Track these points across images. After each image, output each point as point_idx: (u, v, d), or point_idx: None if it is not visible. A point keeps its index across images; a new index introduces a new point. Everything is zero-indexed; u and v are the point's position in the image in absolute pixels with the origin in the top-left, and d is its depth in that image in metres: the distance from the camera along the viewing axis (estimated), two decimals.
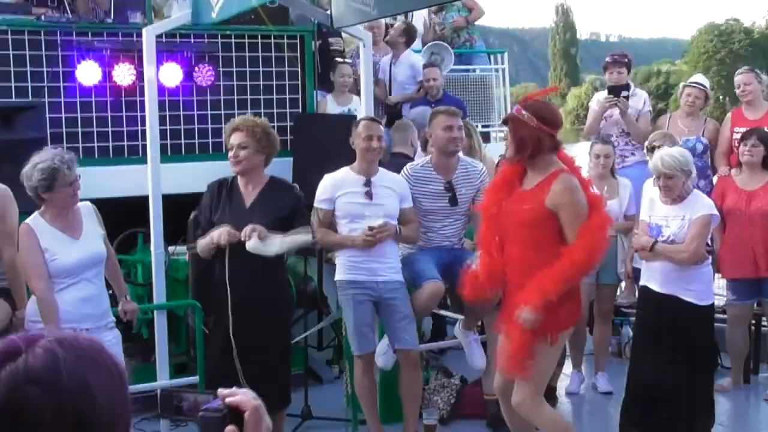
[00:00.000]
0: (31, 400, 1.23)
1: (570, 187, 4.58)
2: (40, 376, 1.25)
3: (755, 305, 6.91)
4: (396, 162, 6.26)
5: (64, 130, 6.66)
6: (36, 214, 4.77)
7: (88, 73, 6.64)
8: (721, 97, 47.74)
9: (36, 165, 4.59)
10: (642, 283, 5.74)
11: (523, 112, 4.58)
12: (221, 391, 1.54)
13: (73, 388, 1.26)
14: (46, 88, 6.62)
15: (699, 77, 7.86)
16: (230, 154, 5.22)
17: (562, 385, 6.86)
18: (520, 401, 4.76)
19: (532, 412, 4.79)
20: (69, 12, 7.01)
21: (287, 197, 5.32)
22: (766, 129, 6.75)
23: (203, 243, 5.15)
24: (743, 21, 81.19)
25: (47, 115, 6.44)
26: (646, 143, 6.87)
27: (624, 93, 7.54)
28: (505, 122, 4.89)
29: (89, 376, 1.28)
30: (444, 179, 5.81)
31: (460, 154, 6.02)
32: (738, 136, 6.86)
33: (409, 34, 8.82)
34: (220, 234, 5.03)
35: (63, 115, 6.68)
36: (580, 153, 6.45)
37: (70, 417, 1.24)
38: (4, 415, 1.24)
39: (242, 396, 1.53)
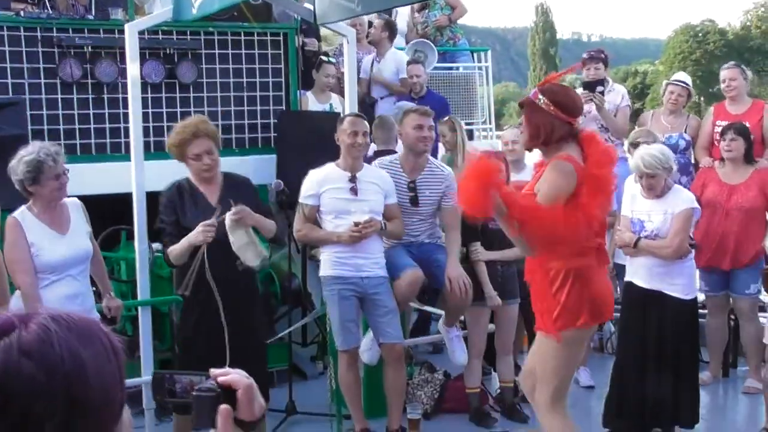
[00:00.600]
0: (25, 372, 1.20)
1: (556, 168, 4.17)
2: (32, 349, 1.22)
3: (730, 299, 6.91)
4: None
5: (45, 126, 6.56)
6: (23, 207, 4.71)
7: (69, 69, 6.56)
8: (696, 96, 47.97)
9: (22, 158, 4.54)
10: (627, 279, 5.73)
11: (540, 96, 4.25)
12: (213, 371, 1.54)
13: (66, 363, 1.22)
14: (26, 85, 6.53)
15: (681, 75, 7.87)
16: (198, 163, 5.00)
17: None
18: (537, 399, 4.57)
19: (541, 415, 4.55)
20: (49, 8, 6.90)
21: (247, 190, 5.22)
22: (746, 124, 6.75)
23: (178, 250, 4.94)
24: (718, 22, 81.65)
25: (28, 112, 6.39)
26: (629, 140, 6.87)
27: (599, 88, 7.53)
28: (521, 106, 4.53)
29: (82, 352, 1.24)
30: (408, 178, 5.80)
31: (431, 156, 6.01)
32: (719, 130, 6.85)
33: (390, 28, 8.76)
34: (196, 235, 4.85)
35: (44, 112, 6.59)
36: None
37: (62, 393, 1.21)
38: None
39: (234, 375, 1.53)
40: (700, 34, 79.46)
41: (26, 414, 1.19)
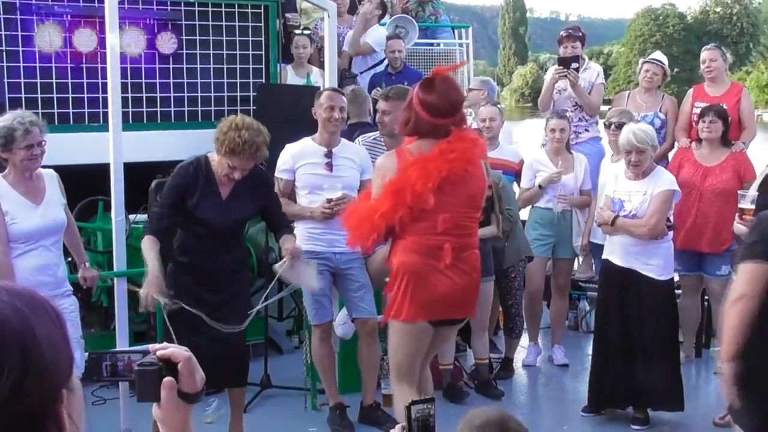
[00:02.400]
0: None
1: (378, 161, 4.33)
2: None
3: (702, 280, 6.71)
4: (362, 132, 6.00)
5: (23, 95, 6.29)
6: None
7: (47, 38, 6.23)
8: None
9: None
10: (604, 256, 5.55)
11: (416, 86, 4.15)
12: (152, 346, 1.51)
13: (14, 321, 1.19)
14: (4, 53, 6.20)
15: (657, 54, 7.61)
16: (228, 170, 4.59)
17: (519, 357, 6.66)
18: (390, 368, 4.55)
19: (392, 383, 4.49)
20: None
21: (262, 187, 4.88)
22: (724, 106, 6.52)
23: (144, 255, 4.74)
24: (678, 6, 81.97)
25: (6, 80, 6.13)
26: (605, 120, 6.64)
27: (574, 65, 7.26)
28: None
29: (29, 314, 1.22)
30: None
31: None
32: (698, 111, 6.62)
33: (384, 7, 8.52)
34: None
35: (22, 81, 6.30)
36: (526, 131, 6.18)
37: (15, 349, 1.17)
38: None
39: (173, 348, 1.51)
40: (660, 18, 79.57)
41: None
